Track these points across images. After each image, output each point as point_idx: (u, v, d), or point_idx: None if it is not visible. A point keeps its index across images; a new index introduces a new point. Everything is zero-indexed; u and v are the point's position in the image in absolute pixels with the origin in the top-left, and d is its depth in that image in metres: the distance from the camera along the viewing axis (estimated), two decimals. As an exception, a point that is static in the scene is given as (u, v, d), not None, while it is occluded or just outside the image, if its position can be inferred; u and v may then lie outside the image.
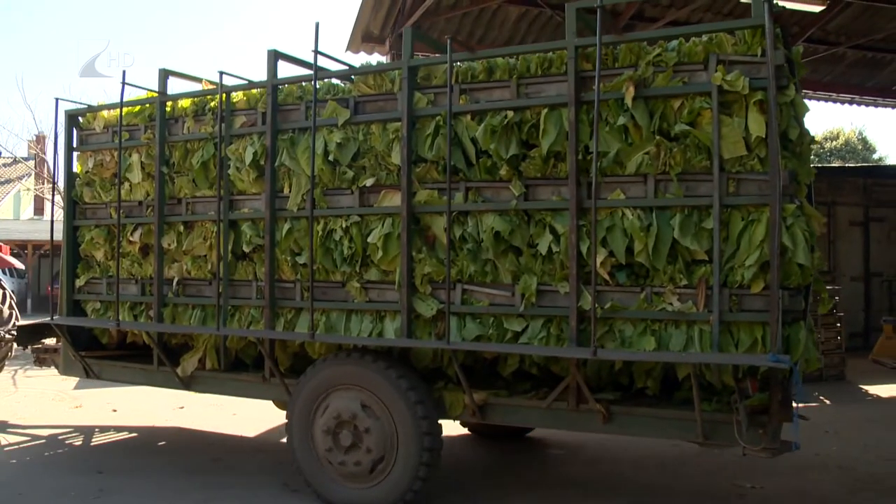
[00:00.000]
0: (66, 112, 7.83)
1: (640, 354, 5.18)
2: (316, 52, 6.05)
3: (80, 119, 7.81)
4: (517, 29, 14.54)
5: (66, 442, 8.36)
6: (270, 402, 7.42)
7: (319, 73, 6.23)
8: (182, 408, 9.98)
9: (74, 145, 7.84)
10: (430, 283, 5.90)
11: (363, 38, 13.76)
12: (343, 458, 5.92)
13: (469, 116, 5.77)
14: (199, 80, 7.51)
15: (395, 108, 6.02)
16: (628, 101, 5.25)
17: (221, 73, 6.57)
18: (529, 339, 5.61)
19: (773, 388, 5.02)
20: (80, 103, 7.95)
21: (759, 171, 5.07)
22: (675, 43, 5.33)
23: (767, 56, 4.86)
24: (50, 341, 8.68)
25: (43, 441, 8.36)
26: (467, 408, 5.79)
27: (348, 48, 14.07)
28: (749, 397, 4.99)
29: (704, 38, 5.23)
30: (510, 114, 5.60)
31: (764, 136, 5.00)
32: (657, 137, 5.23)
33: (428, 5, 12.66)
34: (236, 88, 6.73)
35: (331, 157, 6.17)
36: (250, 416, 9.24)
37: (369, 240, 6.02)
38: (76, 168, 7.86)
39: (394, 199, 5.99)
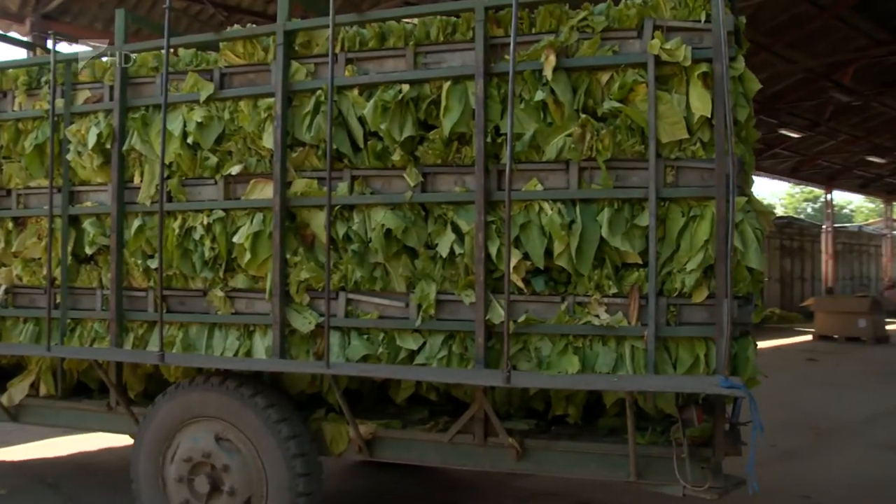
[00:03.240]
0: None
1: (563, 380, 4.06)
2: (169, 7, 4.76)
3: None
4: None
5: None
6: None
7: (177, 39, 4.96)
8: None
9: None
10: (307, 292, 4.67)
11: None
12: None
13: (356, 91, 4.57)
14: (36, 47, 6.08)
15: (269, 81, 4.77)
16: (548, 72, 4.16)
17: (54, 36, 5.18)
18: (427, 358, 4.44)
19: (717, 415, 3.99)
20: None
21: (703, 158, 4.07)
22: (603, 6, 4.31)
23: (719, 20, 3.85)
24: None
25: None
26: (352, 442, 4.54)
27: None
28: (693, 427, 3.95)
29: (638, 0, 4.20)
30: (405, 88, 4.44)
31: (709, 116, 4.00)
32: (582, 117, 4.16)
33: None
34: (78, 56, 5.36)
35: (190, 140, 4.86)
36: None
37: (235, 239, 4.75)
38: None
39: (265, 191, 4.74)
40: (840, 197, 47.05)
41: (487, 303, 4.29)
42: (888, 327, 20.01)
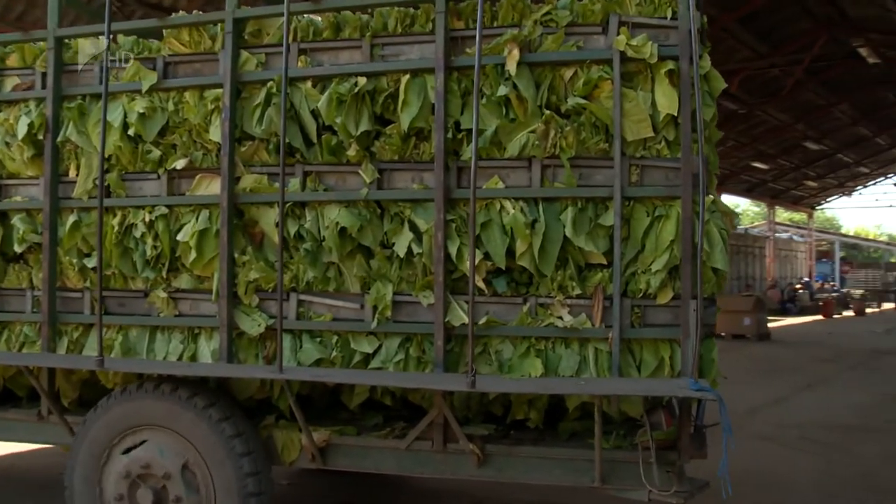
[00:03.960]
0: None
1: (530, 384, 3.90)
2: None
3: None
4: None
5: None
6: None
7: (118, 24, 4.65)
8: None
9: None
10: (256, 293, 4.43)
11: None
12: None
13: (310, 83, 4.35)
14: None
15: (216, 71, 4.50)
16: (511, 67, 4.01)
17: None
18: (383, 362, 4.25)
19: (683, 418, 3.90)
20: None
21: (667, 157, 3.97)
22: (567, 0, 4.15)
23: (690, 16, 3.76)
24: None
25: None
26: (305, 450, 4.30)
27: None
28: (660, 431, 3.85)
29: None
30: (362, 80, 4.23)
31: (675, 115, 3.90)
32: (546, 113, 4.02)
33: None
34: (7, 41, 4.99)
35: (131, 132, 4.55)
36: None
37: (179, 237, 4.46)
38: None
39: (211, 186, 4.47)
40: (728, 200, 48.53)
41: (447, 304, 4.12)
42: (769, 325, 20.82)
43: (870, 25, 15.79)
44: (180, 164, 4.50)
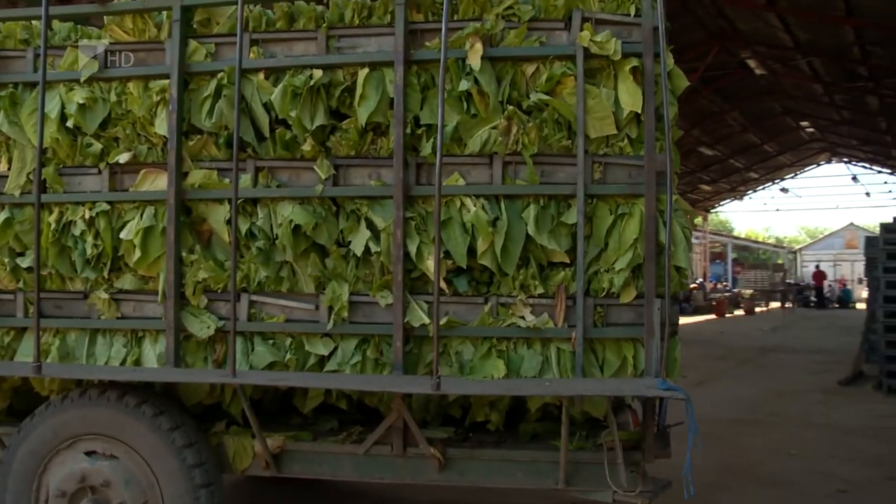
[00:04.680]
0: None
1: (496, 385, 3.79)
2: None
3: None
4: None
5: None
6: None
7: (55, 8, 4.36)
8: None
9: None
10: (205, 294, 4.22)
11: None
12: None
13: (262, 75, 4.16)
14: None
15: (162, 60, 4.27)
16: (474, 61, 3.90)
17: None
18: (339, 364, 4.08)
19: (647, 418, 3.85)
20: None
21: (630, 155, 3.92)
22: (529, -6, 4.06)
23: (658, 12, 3.70)
24: None
25: None
26: (258, 458, 4.11)
27: None
28: (627, 431, 3.79)
29: None
30: (317, 73, 4.06)
31: (639, 112, 3.85)
32: (509, 108, 3.92)
33: None
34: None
35: (70, 124, 4.28)
36: None
37: (122, 235, 4.21)
38: None
39: (157, 182, 4.24)
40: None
41: (406, 304, 3.99)
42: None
43: (757, 39, 16.42)
44: (123, 158, 4.25)
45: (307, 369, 4.12)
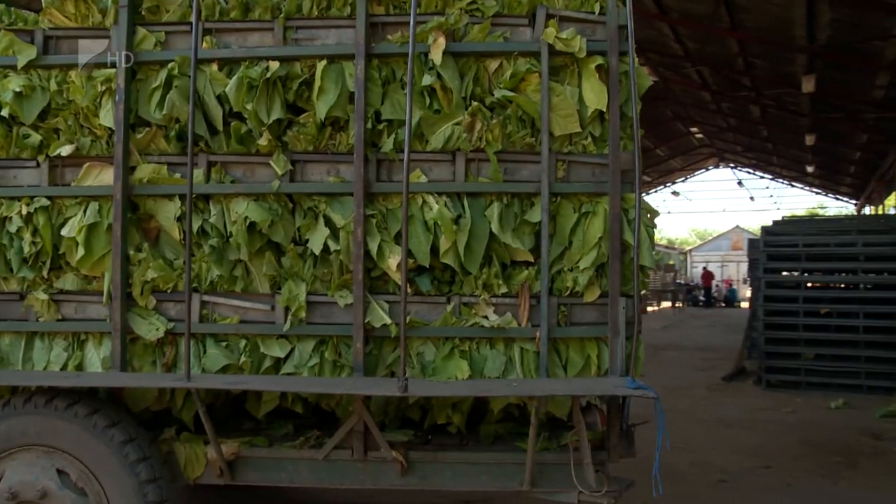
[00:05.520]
0: None
1: (464, 386, 3.69)
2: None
3: None
4: None
5: None
6: None
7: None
8: None
9: None
10: (153, 294, 4.01)
11: None
12: None
13: (215, 66, 3.98)
14: None
15: (107, 48, 4.06)
16: (436, 56, 3.80)
17: None
18: (296, 367, 3.93)
19: (613, 417, 3.83)
20: None
21: (594, 153, 3.89)
22: (493, -11, 3.99)
23: (626, 12, 3.68)
24: None
25: None
26: (211, 465, 3.92)
27: None
28: (595, 431, 3.76)
29: None
30: (274, 65, 3.90)
31: (604, 110, 3.82)
32: (473, 104, 3.84)
33: None
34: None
35: (5, 113, 4.02)
36: None
37: (64, 232, 3.97)
38: None
39: (102, 176, 4.01)
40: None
41: (367, 304, 3.87)
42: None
43: (650, 47, 16.83)
44: (65, 150, 4.00)
45: (262, 372, 3.95)
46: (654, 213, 4.02)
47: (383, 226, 3.90)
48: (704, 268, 44.14)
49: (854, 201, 33.47)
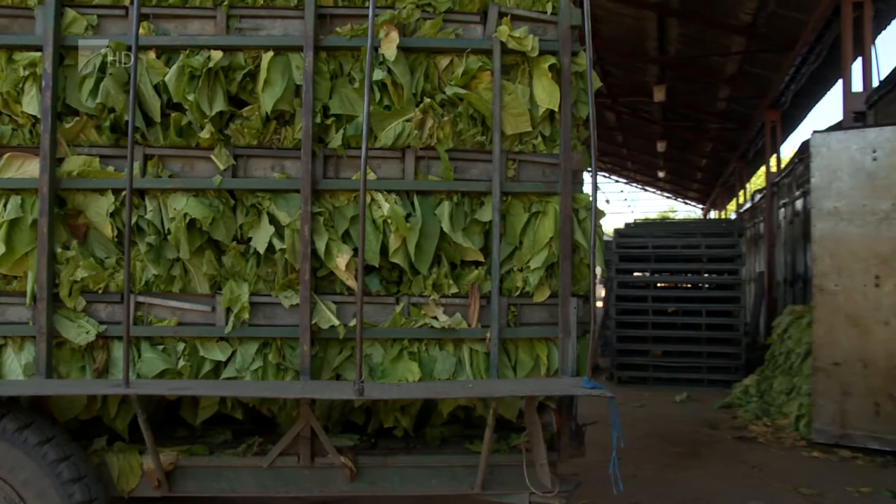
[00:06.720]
0: None
1: (420, 389, 3.58)
2: None
3: None
4: None
5: None
6: None
7: None
8: None
9: None
10: (82, 295, 3.75)
11: None
12: None
13: (153, 53, 3.76)
14: None
15: (31, 29, 3.75)
16: (388, 51, 3.70)
17: None
18: (238, 370, 3.74)
19: (564, 417, 3.80)
20: None
21: (544, 153, 3.88)
22: (445, -15, 3.91)
23: (583, 12, 3.65)
24: None
25: None
26: (147, 476, 3.68)
27: None
28: (551, 431, 3.73)
29: None
30: (216, 54, 3.71)
31: (555, 110, 3.81)
32: (425, 101, 3.76)
33: None
34: None
35: (-88, 98, 3.69)
36: None
37: (-19, 229, 3.67)
38: None
39: (24, 168, 3.71)
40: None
41: (313, 305, 3.73)
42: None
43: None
44: (-16, 140, 3.69)
45: (202, 377, 3.75)
46: (601, 214, 4.04)
47: (330, 224, 3.77)
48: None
49: (701, 206, 35.07)
